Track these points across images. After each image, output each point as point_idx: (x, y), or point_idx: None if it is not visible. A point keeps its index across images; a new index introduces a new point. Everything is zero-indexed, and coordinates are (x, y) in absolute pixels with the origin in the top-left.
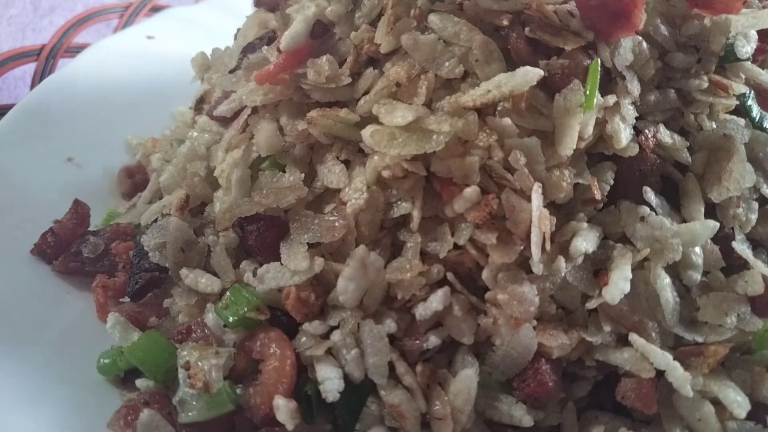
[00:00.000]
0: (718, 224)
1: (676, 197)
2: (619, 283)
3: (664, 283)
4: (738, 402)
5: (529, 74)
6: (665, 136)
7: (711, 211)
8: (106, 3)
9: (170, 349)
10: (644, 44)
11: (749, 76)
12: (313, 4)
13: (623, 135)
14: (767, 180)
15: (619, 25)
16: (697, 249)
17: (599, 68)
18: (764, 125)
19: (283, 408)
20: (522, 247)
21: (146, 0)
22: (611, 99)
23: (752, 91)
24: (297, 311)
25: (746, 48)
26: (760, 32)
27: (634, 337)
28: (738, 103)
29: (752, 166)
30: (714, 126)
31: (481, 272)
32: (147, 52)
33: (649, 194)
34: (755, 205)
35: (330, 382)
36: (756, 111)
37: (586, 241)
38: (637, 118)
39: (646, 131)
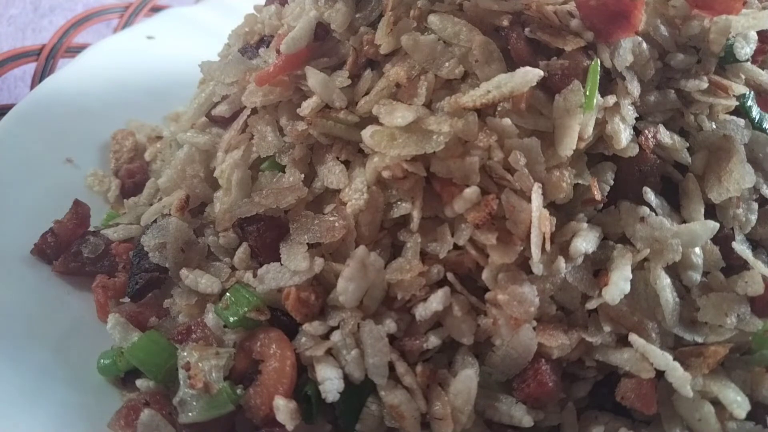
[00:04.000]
0: (717, 225)
1: (676, 197)
2: (619, 284)
3: (664, 283)
4: (738, 402)
5: (529, 75)
6: (665, 136)
7: (711, 212)
8: (106, 3)
9: (170, 349)
10: (644, 45)
11: (749, 77)
12: (314, 8)
13: (623, 135)
14: (767, 180)
15: (618, 25)
16: (697, 249)
17: (599, 69)
18: (764, 126)
19: (283, 408)
20: (522, 248)
21: (146, 0)
22: (611, 99)
23: (752, 92)
24: (297, 311)
25: (746, 49)
26: (760, 33)
27: (633, 337)
28: (738, 103)
29: (752, 166)
30: (714, 126)
31: (481, 272)
32: (147, 52)
33: (649, 194)
34: (755, 205)
35: (330, 382)
36: (756, 111)
37: (586, 242)
38: (637, 119)
39: (646, 132)
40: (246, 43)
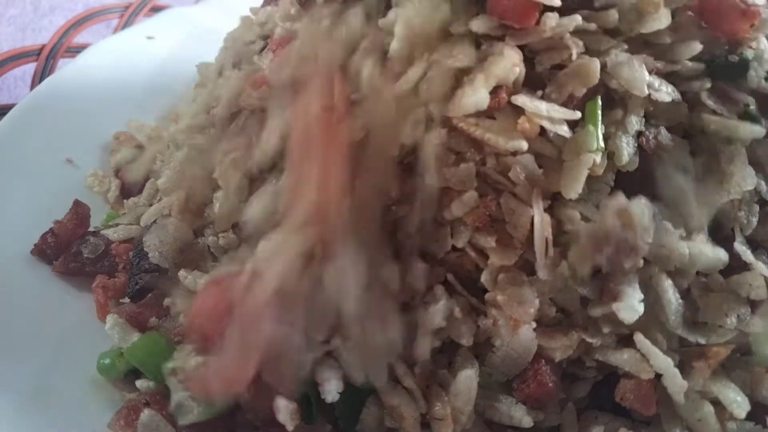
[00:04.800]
0: (727, 257)
1: None
2: (634, 306)
3: (666, 284)
4: (738, 402)
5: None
6: (666, 138)
7: None
8: (106, 3)
9: (170, 349)
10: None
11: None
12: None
13: (626, 151)
14: None
15: None
16: None
17: (599, 105)
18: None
19: (283, 408)
20: (522, 251)
21: (146, 0)
22: (619, 115)
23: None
24: None
25: (759, 72)
26: None
27: (639, 337)
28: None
29: (753, 168)
30: (715, 128)
31: (480, 273)
32: (147, 52)
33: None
34: (756, 207)
35: (329, 382)
36: (757, 112)
37: None
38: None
39: (647, 133)
40: (243, 45)
